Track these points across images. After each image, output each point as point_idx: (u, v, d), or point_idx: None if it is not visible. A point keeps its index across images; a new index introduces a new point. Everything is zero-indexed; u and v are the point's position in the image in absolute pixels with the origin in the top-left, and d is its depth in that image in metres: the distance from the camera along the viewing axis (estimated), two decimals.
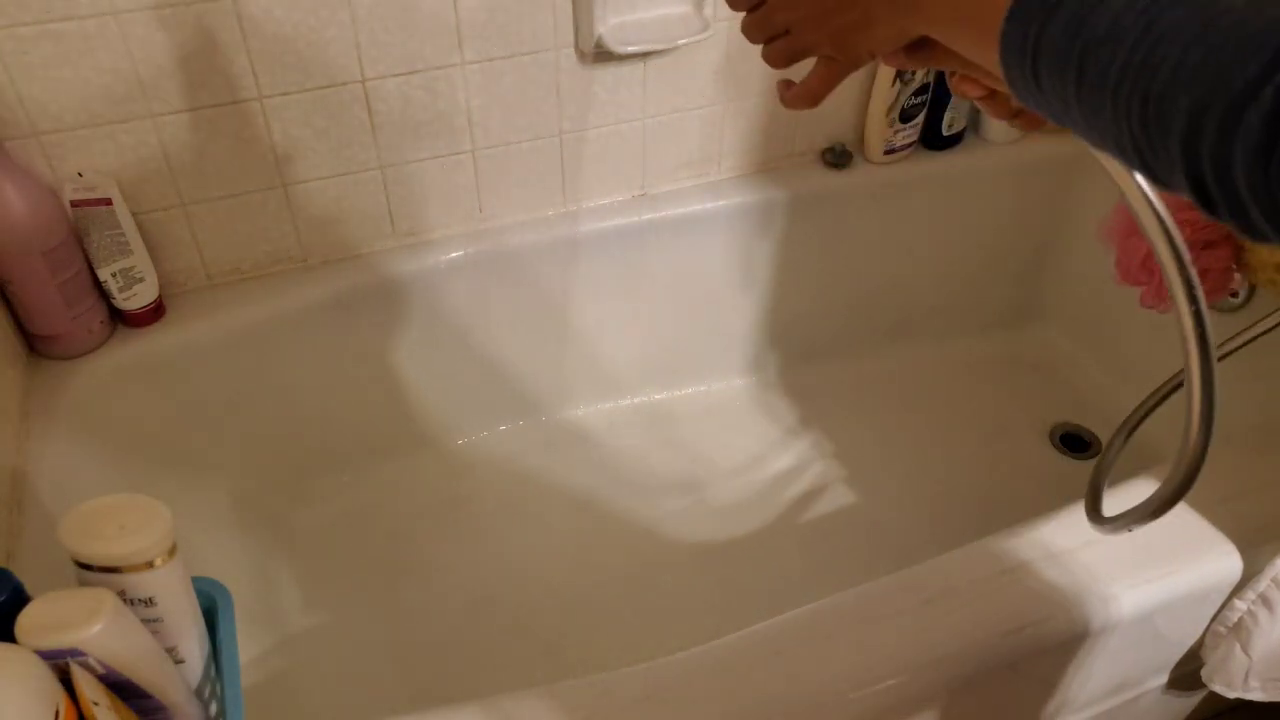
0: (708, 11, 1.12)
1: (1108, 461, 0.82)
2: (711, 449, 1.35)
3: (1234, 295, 1.13)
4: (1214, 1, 0.33)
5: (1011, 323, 1.51)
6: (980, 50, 0.44)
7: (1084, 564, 0.81)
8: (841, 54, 0.53)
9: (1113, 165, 0.56)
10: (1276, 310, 0.87)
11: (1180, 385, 0.88)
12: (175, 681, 0.55)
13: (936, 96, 1.30)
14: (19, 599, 0.50)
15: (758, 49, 0.57)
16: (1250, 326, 0.87)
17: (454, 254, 1.18)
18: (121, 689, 0.51)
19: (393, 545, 1.22)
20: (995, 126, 1.35)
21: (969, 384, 1.45)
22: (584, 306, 1.29)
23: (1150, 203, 0.56)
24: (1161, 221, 0.56)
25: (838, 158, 1.31)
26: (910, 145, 1.32)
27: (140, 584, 0.53)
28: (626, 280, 1.29)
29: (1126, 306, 1.16)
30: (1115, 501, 0.77)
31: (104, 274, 1.00)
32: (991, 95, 0.56)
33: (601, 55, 1.11)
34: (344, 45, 1.01)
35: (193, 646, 0.57)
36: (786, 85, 0.59)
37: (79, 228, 0.97)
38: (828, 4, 0.52)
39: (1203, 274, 0.97)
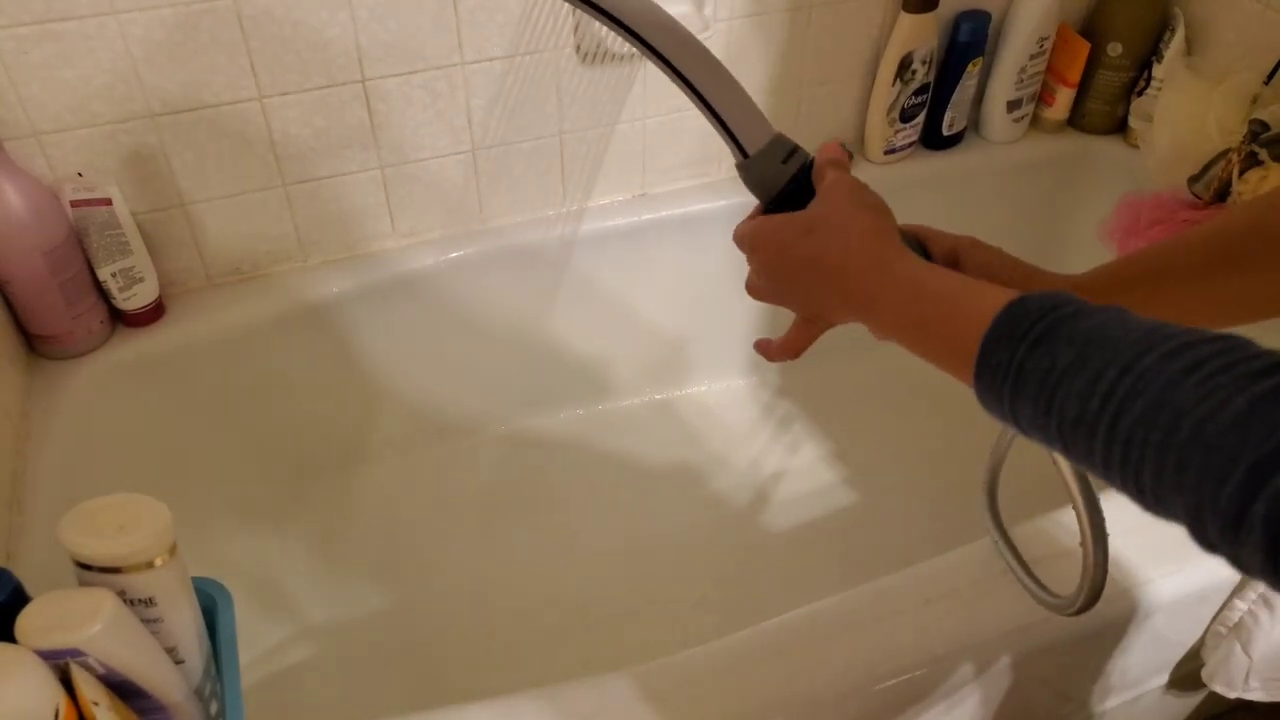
0: (708, 11, 1.11)
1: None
2: (711, 449, 1.35)
3: None
4: (1169, 398, 0.34)
5: None
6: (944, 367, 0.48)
7: None
8: (813, 321, 0.59)
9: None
10: None
11: None
12: (175, 681, 0.55)
13: (937, 96, 1.30)
14: (19, 599, 0.50)
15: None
16: None
17: (454, 254, 1.18)
18: (121, 689, 0.51)
19: (392, 545, 1.22)
20: (996, 126, 1.35)
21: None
22: (584, 306, 1.29)
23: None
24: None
25: None
26: (910, 145, 1.32)
27: (140, 584, 0.53)
28: (626, 280, 1.29)
29: None
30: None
31: (104, 274, 1.00)
32: None
33: (602, 55, 1.11)
34: (344, 45, 1.01)
35: (193, 646, 0.57)
36: (767, 343, 0.64)
37: (79, 228, 0.97)
38: (793, 288, 0.57)
39: None
